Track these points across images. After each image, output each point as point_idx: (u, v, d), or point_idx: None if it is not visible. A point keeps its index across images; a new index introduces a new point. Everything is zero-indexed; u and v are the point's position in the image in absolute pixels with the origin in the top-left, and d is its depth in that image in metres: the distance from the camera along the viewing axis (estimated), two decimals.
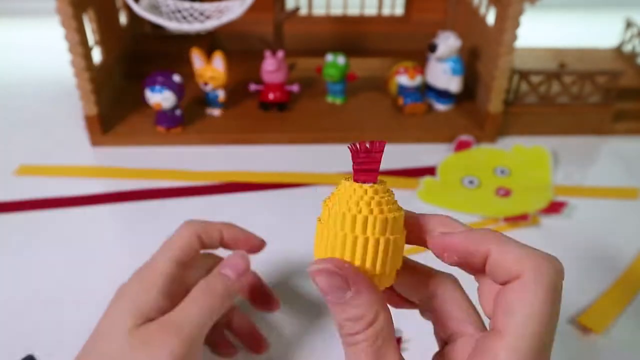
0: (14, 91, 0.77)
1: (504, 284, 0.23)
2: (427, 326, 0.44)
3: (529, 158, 0.64)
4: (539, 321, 0.22)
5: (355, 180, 0.25)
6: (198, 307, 0.33)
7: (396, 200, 0.25)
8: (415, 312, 0.44)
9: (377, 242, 0.23)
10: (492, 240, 0.24)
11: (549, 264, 0.24)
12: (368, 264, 0.24)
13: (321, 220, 0.25)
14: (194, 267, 0.37)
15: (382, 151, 0.24)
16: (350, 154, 0.25)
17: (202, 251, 0.37)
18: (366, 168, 0.25)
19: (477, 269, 0.25)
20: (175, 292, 0.34)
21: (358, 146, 0.24)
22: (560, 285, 0.24)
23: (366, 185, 0.24)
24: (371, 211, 0.24)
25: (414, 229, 0.27)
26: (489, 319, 0.24)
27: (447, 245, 0.26)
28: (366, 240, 0.23)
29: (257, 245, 0.40)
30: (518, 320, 0.21)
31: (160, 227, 0.37)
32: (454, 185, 0.59)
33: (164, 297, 0.33)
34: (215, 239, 0.37)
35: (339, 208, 0.24)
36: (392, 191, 0.25)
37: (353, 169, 0.25)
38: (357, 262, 0.23)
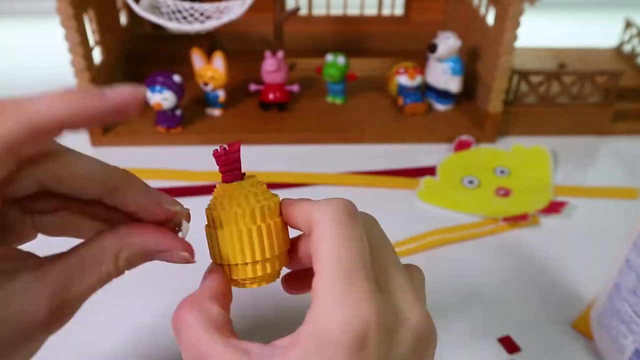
0: (14, 92, 0.77)
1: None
2: None
3: (528, 158, 0.64)
4: (337, 247, 0.23)
5: (224, 182, 0.27)
6: (91, 278, 0.24)
7: (267, 189, 0.28)
8: None
9: (260, 229, 0.26)
10: (289, 203, 0.27)
11: (330, 202, 0.26)
12: (259, 250, 0.26)
13: (209, 226, 0.27)
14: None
15: (238, 150, 0.27)
16: (215, 160, 0.27)
17: None
18: (229, 168, 0.27)
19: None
20: None
21: (220, 151, 0.27)
22: (349, 212, 0.25)
23: (234, 183, 0.27)
24: (248, 203, 0.26)
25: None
26: None
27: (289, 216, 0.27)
28: (252, 229, 0.26)
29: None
30: (322, 257, 0.23)
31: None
32: (454, 185, 0.59)
33: None
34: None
35: (220, 210, 0.26)
36: (261, 182, 0.28)
37: (219, 171, 0.27)
38: (250, 251, 0.26)
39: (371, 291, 0.22)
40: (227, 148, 0.27)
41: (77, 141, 0.65)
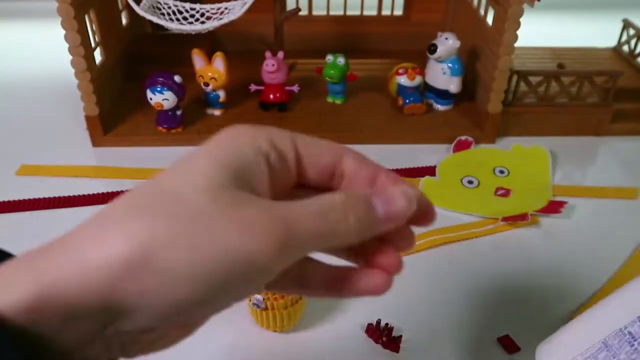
0: (15, 92, 0.77)
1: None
2: (427, 326, 0.45)
3: (528, 158, 0.64)
4: None
5: None
6: (319, 220, 0.22)
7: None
8: (415, 312, 0.44)
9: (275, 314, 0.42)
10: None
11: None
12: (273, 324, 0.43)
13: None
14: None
15: None
16: None
17: None
18: None
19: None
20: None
21: None
22: None
23: None
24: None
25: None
26: None
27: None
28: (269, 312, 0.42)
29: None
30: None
31: None
32: (454, 185, 0.60)
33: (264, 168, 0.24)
34: (289, 159, 0.25)
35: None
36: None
37: None
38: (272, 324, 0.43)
39: None
40: None
41: (78, 141, 0.65)
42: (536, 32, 0.77)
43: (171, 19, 0.65)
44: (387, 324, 0.42)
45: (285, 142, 0.25)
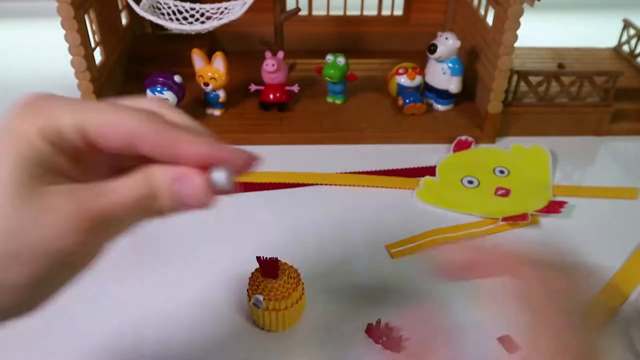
0: (15, 92, 0.77)
1: None
2: (427, 326, 0.44)
3: (528, 158, 0.64)
4: None
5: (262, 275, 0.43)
6: (129, 211, 0.23)
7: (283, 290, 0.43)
8: (415, 312, 0.44)
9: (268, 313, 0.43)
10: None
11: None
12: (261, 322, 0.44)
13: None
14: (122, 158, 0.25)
15: (279, 268, 0.43)
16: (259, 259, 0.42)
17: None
18: (268, 270, 0.43)
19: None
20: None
21: (267, 258, 0.42)
22: None
23: (268, 279, 0.43)
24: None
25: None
26: None
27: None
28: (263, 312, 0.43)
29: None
30: None
31: (160, 227, 0.37)
32: (454, 185, 0.60)
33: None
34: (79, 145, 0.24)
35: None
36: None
37: (261, 268, 0.43)
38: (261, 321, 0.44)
39: None
40: (271, 262, 0.42)
41: None
42: (536, 32, 0.77)
43: (171, 19, 0.65)
44: (387, 324, 0.42)
45: (71, 131, 0.23)
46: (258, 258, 0.42)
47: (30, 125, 0.23)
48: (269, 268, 0.42)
